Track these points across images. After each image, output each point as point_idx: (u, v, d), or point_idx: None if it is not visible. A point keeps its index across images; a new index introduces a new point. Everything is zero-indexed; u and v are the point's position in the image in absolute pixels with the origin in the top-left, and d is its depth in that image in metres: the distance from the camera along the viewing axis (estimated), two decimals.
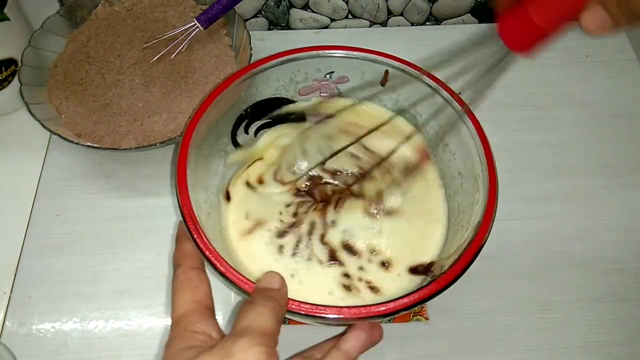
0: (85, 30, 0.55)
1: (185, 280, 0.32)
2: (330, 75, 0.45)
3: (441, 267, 0.37)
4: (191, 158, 0.37)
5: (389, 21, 0.62)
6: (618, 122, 0.55)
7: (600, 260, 0.47)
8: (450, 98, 0.40)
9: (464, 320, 0.44)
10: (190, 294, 0.32)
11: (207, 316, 0.31)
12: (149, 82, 0.51)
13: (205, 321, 0.30)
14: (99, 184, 0.50)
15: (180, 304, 0.31)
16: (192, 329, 0.30)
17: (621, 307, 0.45)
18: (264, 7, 0.60)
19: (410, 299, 0.31)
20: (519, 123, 0.55)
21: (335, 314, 0.31)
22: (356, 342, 0.32)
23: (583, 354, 0.43)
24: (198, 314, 0.31)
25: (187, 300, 0.31)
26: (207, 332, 0.30)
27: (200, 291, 0.32)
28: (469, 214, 0.38)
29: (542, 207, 0.49)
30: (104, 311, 0.43)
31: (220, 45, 0.54)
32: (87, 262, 0.45)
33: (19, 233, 0.47)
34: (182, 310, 0.31)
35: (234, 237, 0.41)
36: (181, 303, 0.31)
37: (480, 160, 0.38)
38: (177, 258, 0.34)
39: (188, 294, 0.32)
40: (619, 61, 0.60)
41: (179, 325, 0.30)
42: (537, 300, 0.45)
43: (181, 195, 0.35)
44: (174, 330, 0.30)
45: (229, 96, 0.41)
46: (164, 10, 0.57)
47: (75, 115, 0.49)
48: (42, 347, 0.42)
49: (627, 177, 0.52)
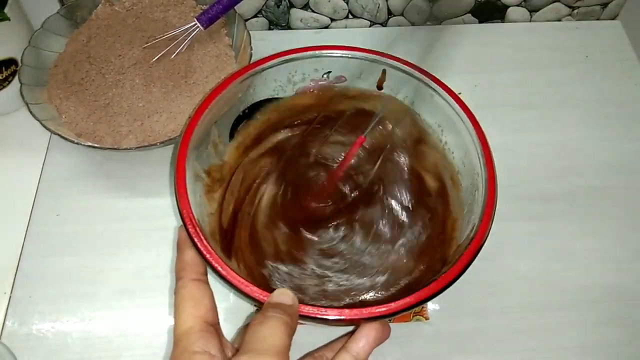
0: (86, 30, 0.55)
1: (186, 295, 0.32)
2: (328, 75, 0.45)
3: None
4: (190, 159, 0.37)
5: (389, 21, 0.62)
6: (618, 122, 0.55)
7: (600, 260, 0.47)
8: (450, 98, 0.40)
9: (464, 320, 0.44)
10: (191, 309, 0.31)
11: (210, 333, 0.30)
12: (149, 82, 0.51)
13: (206, 339, 0.30)
14: (99, 184, 0.50)
15: (181, 321, 0.31)
16: (192, 349, 0.29)
17: (621, 307, 0.45)
18: (264, 7, 0.60)
19: (410, 299, 0.31)
20: (519, 123, 0.55)
21: (337, 315, 0.31)
22: (365, 342, 0.32)
23: (583, 354, 0.43)
24: (199, 332, 0.30)
25: (188, 317, 0.31)
26: (207, 351, 0.29)
27: (201, 306, 0.31)
28: (468, 213, 0.38)
29: (542, 207, 0.49)
30: (104, 311, 0.43)
31: (221, 45, 0.54)
32: (87, 262, 0.45)
33: (19, 233, 0.47)
34: (183, 327, 0.30)
35: None
36: (182, 320, 0.31)
37: (479, 159, 0.38)
38: (178, 270, 0.33)
39: (189, 310, 0.31)
40: (619, 61, 0.60)
41: (180, 344, 0.30)
42: (537, 300, 0.45)
43: (180, 198, 0.34)
44: (175, 351, 0.30)
45: (228, 96, 0.41)
46: (164, 10, 0.57)
47: (75, 115, 0.49)
48: (42, 347, 0.42)
49: (627, 177, 0.52)
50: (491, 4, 0.61)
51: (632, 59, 0.60)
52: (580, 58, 0.60)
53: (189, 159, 0.37)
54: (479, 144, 0.38)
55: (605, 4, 0.62)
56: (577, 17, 0.63)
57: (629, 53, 0.61)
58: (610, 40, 0.62)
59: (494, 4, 0.61)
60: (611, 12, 0.63)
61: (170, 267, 0.45)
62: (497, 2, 0.61)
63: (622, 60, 0.60)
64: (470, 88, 0.56)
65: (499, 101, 0.56)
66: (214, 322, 0.32)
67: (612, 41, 0.62)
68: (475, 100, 0.42)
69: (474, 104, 0.40)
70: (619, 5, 0.62)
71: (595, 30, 0.62)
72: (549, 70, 0.59)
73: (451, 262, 0.33)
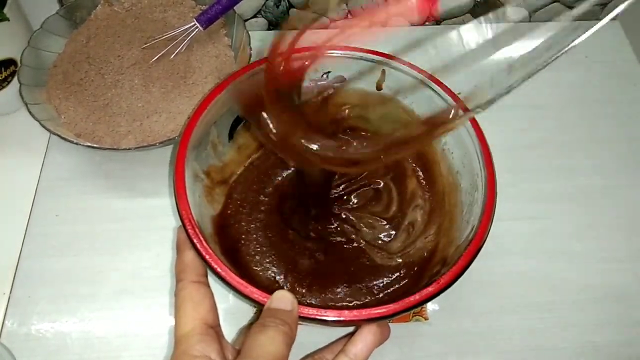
0: (85, 31, 0.55)
1: (186, 297, 0.32)
2: (327, 75, 0.44)
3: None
4: (189, 159, 0.37)
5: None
6: (618, 122, 0.55)
7: (600, 260, 0.47)
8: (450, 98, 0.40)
9: (464, 320, 0.44)
10: (191, 312, 0.31)
11: (209, 336, 0.30)
12: (149, 82, 0.51)
13: (205, 342, 0.30)
14: (99, 184, 0.50)
15: (181, 323, 0.31)
16: (192, 353, 0.29)
17: (621, 307, 0.45)
18: (264, 7, 0.60)
19: (410, 300, 0.31)
20: (519, 123, 0.55)
21: (336, 316, 0.31)
22: (363, 345, 0.32)
23: (583, 354, 0.43)
24: (198, 335, 0.30)
25: (188, 319, 0.31)
26: (206, 355, 0.29)
27: (201, 308, 0.31)
28: (468, 213, 0.38)
29: (542, 207, 0.49)
30: (103, 311, 0.43)
31: (220, 45, 0.54)
32: (87, 262, 0.45)
33: (18, 233, 0.47)
34: (183, 330, 0.30)
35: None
36: (182, 322, 0.31)
37: (478, 159, 0.38)
38: (178, 271, 0.33)
39: (189, 312, 0.31)
40: (618, 61, 0.60)
41: (180, 347, 0.30)
42: (537, 300, 0.45)
43: (179, 199, 0.34)
44: (175, 353, 0.30)
45: (228, 97, 0.41)
46: (164, 10, 0.57)
47: (74, 115, 0.49)
48: (41, 347, 0.42)
49: (627, 177, 0.52)
50: (491, 4, 0.61)
51: (631, 60, 0.60)
52: (580, 58, 0.60)
53: (188, 160, 0.37)
54: (478, 144, 0.38)
55: (604, 4, 0.62)
56: (577, 17, 0.63)
57: (629, 53, 0.60)
58: (610, 41, 0.62)
59: (494, 4, 0.61)
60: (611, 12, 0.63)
61: (169, 267, 0.45)
62: (497, 2, 0.61)
63: (622, 61, 0.60)
64: (470, 88, 0.56)
65: (498, 101, 0.56)
66: (214, 323, 0.32)
67: (611, 41, 0.62)
68: None
69: None
70: (618, 6, 0.62)
71: (595, 31, 0.62)
72: (548, 70, 0.58)
73: (451, 263, 0.33)
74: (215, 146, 0.42)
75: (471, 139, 0.39)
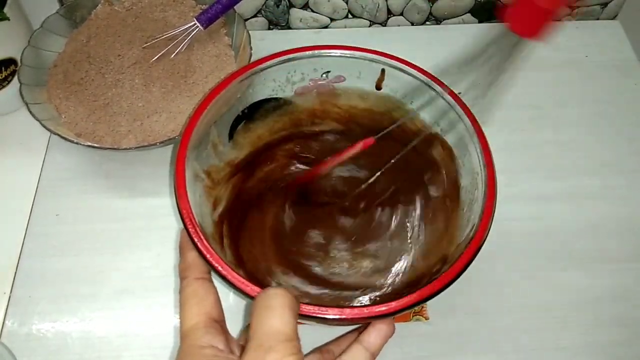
0: (85, 30, 0.55)
1: (191, 293, 0.32)
2: (327, 75, 0.44)
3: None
4: (190, 159, 0.37)
5: (389, 21, 0.62)
6: (618, 122, 0.55)
7: (600, 260, 0.47)
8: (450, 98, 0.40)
9: (464, 320, 0.44)
10: (196, 307, 0.31)
11: (215, 329, 0.30)
12: (149, 81, 0.51)
13: (212, 334, 0.30)
14: (99, 183, 0.50)
15: (186, 318, 0.31)
16: (199, 344, 0.29)
17: (621, 307, 0.45)
18: (264, 7, 0.60)
19: (410, 299, 0.31)
20: (519, 123, 0.55)
21: (337, 315, 0.31)
22: (377, 335, 0.32)
23: (583, 354, 0.43)
24: (204, 328, 0.30)
25: (193, 314, 0.31)
26: (213, 346, 0.29)
27: (206, 303, 0.31)
28: (469, 211, 0.38)
29: (542, 207, 0.49)
30: (104, 311, 0.43)
31: (220, 45, 0.54)
32: (87, 262, 0.45)
33: (18, 233, 0.47)
34: (188, 324, 0.31)
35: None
36: (187, 317, 0.31)
37: (479, 159, 0.38)
38: (181, 270, 0.33)
39: (194, 307, 0.31)
40: (619, 61, 0.60)
41: (186, 340, 0.30)
42: (537, 300, 0.45)
43: (180, 198, 0.34)
44: (182, 347, 0.30)
45: (228, 96, 0.41)
46: (164, 9, 0.57)
47: (75, 115, 0.49)
48: (42, 347, 0.42)
49: (627, 177, 0.52)
50: (491, 4, 0.61)
51: (631, 59, 0.60)
52: (580, 58, 0.60)
53: (189, 159, 0.37)
54: (478, 143, 0.38)
55: (605, 4, 0.62)
56: (577, 17, 0.63)
57: (629, 53, 0.61)
58: (610, 40, 0.62)
59: (494, 4, 0.61)
60: (611, 12, 0.63)
61: (170, 267, 0.45)
62: (497, 2, 0.61)
63: (622, 60, 0.60)
64: (470, 88, 0.56)
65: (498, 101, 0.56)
66: (220, 318, 0.32)
67: (611, 41, 0.62)
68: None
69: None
70: (618, 5, 0.62)
71: (595, 30, 0.62)
72: (549, 71, 0.59)
73: (451, 261, 0.33)
74: (215, 146, 0.42)
75: (472, 139, 0.39)
